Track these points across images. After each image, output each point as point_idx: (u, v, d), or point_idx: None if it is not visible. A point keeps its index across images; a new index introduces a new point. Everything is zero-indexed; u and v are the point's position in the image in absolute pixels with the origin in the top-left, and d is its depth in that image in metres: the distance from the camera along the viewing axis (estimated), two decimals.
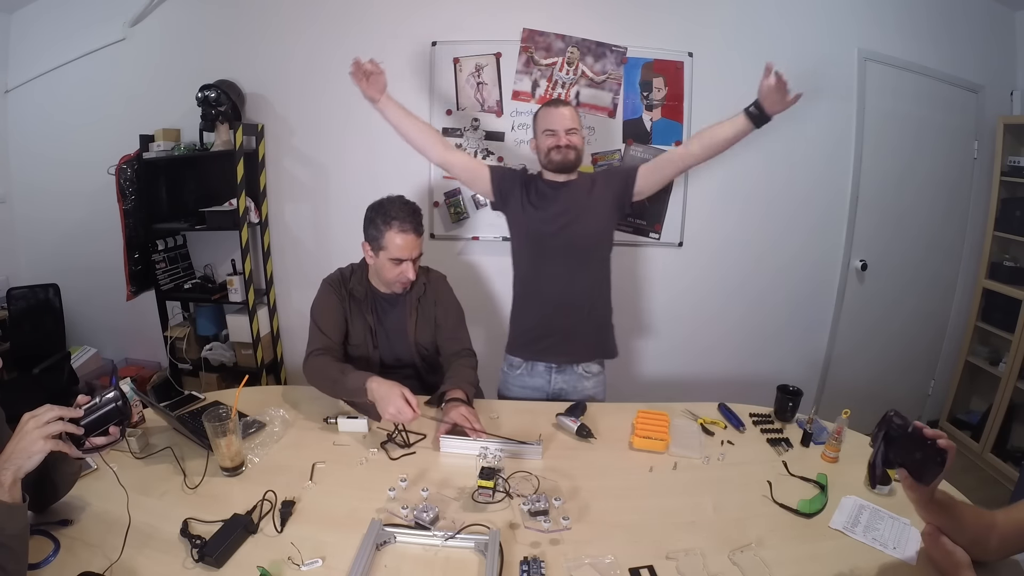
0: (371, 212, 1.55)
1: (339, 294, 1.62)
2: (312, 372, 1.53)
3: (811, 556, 1.02)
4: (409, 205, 1.54)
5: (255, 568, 0.95)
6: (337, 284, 1.64)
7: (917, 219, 2.65)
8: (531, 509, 1.11)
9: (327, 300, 1.62)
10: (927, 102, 2.51)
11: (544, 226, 1.69)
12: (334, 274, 1.67)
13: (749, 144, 2.43)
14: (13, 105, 2.78)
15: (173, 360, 2.71)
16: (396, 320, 1.65)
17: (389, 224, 1.49)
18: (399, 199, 1.55)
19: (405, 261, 1.52)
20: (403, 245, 1.50)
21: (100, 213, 2.64)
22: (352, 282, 1.64)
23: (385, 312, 1.65)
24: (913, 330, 2.84)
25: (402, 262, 1.52)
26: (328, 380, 1.49)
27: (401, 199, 1.55)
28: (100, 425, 0.96)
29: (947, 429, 2.82)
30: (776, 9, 2.33)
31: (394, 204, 1.52)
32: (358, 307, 1.63)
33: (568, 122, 1.66)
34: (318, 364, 1.52)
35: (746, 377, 2.66)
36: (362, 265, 1.66)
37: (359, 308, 1.63)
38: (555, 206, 1.69)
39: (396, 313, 1.65)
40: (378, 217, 1.52)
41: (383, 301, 1.65)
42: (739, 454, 1.37)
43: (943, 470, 0.88)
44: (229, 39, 2.49)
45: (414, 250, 1.53)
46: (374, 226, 1.52)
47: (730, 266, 2.57)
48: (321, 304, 1.62)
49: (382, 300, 1.65)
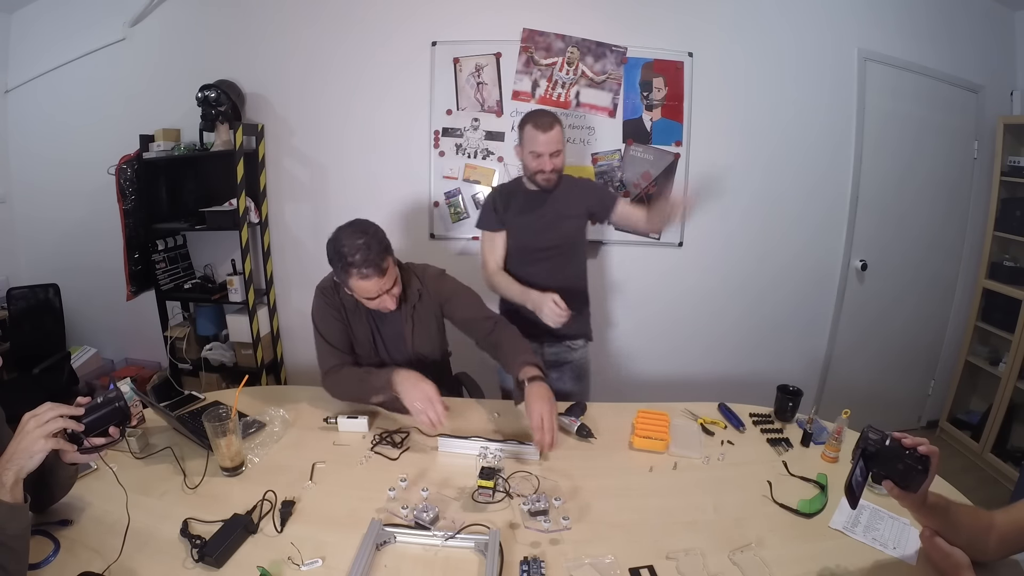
0: (329, 250, 1.40)
1: (333, 303, 1.56)
2: (334, 385, 1.52)
3: (811, 556, 1.02)
4: (366, 239, 1.36)
5: (255, 568, 0.95)
6: (330, 292, 1.57)
7: (917, 219, 2.65)
8: (531, 509, 1.11)
9: (326, 312, 1.56)
10: (927, 102, 2.51)
11: (528, 231, 1.84)
12: (326, 280, 1.59)
13: (749, 144, 2.45)
14: (13, 105, 2.78)
15: (173, 360, 2.71)
16: (393, 328, 1.60)
17: (347, 271, 1.37)
18: (354, 233, 1.38)
19: (378, 297, 1.42)
20: (368, 287, 1.38)
21: (100, 213, 2.64)
22: (342, 292, 1.56)
23: (381, 319, 1.60)
24: (913, 330, 2.84)
25: (375, 298, 1.42)
26: (353, 386, 1.47)
27: (357, 231, 1.38)
28: (100, 425, 0.96)
29: (947, 429, 2.82)
30: (776, 9, 2.33)
31: (349, 244, 1.35)
32: (354, 314, 1.58)
33: (554, 145, 1.72)
34: (340, 377, 1.51)
35: (746, 377, 2.66)
36: None
37: (354, 316, 1.58)
38: (537, 214, 1.83)
39: (392, 321, 1.60)
40: (336, 260, 1.39)
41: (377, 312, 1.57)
42: (739, 454, 1.37)
43: (928, 476, 0.89)
44: (229, 39, 2.50)
45: (385, 285, 1.41)
46: (335, 267, 1.41)
47: (730, 266, 2.58)
48: (321, 317, 1.57)
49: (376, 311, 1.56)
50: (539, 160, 1.72)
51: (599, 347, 2.63)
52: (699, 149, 2.42)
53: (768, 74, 2.38)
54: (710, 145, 2.42)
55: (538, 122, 1.70)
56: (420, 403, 1.32)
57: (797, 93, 2.40)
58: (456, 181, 2.48)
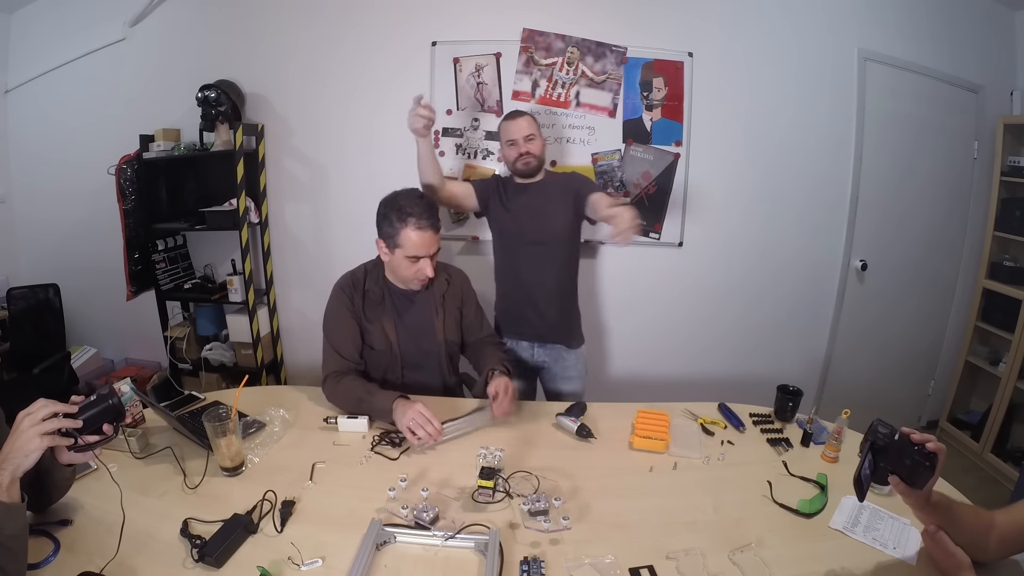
0: (384, 208, 1.47)
1: (351, 301, 1.56)
2: (332, 392, 1.52)
3: (811, 556, 1.02)
4: (425, 199, 1.48)
5: (255, 568, 0.95)
6: (349, 289, 1.57)
7: (917, 219, 2.65)
8: (531, 509, 1.11)
9: (338, 313, 1.56)
10: (927, 102, 2.51)
11: (515, 224, 1.91)
12: (345, 277, 1.60)
13: (749, 144, 2.45)
14: (13, 105, 2.78)
15: (173, 360, 2.71)
16: (420, 317, 1.60)
17: (405, 221, 1.42)
18: (414, 193, 1.49)
19: (423, 258, 1.46)
20: (420, 243, 1.43)
21: (100, 213, 2.64)
22: (368, 283, 1.57)
23: (406, 309, 1.60)
24: (913, 330, 2.84)
25: (419, 259, 1.45)
26: (351, 401, 1.48)
27: (416, 193, 1.49)
28: (94, 423, 0.95)
29: (947, 429, 2.82)
30: (776, 9, 2.33)
31: (410, 199, 1.45)
32: (375, 309, 1.57)
33: (526, 130, 1.85)
34: (339, 386, 1.51)
35: (746, 377, 2.66)
36: (377, 264, 1.60)
37: (376, 310, 1.57)
38: (523, 207, 1.90)
39: (418, 310, 1.60)
40: (392, 213, 1.44)
41: (402, 298, 1.59)
42: (739, 454, 1.37)
43: (935, 473, 0.89)
44: (229, 39, 2.49)
45: (432, 246, 1.46)
46: (388, 223, 1.45)
47: (730, 266, 2.57)
48: (333, 319, 1.57)
49: (401, 297, 1.59)
50: (515, 147, 1.86)
51: (599, 347, 2.63)
52: (699, 149, 2.41)
53: (768, 74, 2.38)
54: (710, 145, 2.41)
55: (508, 115, 1.91)
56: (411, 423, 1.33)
57: (797, 93, 2.40)
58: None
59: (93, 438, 0.96)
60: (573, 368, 2.01)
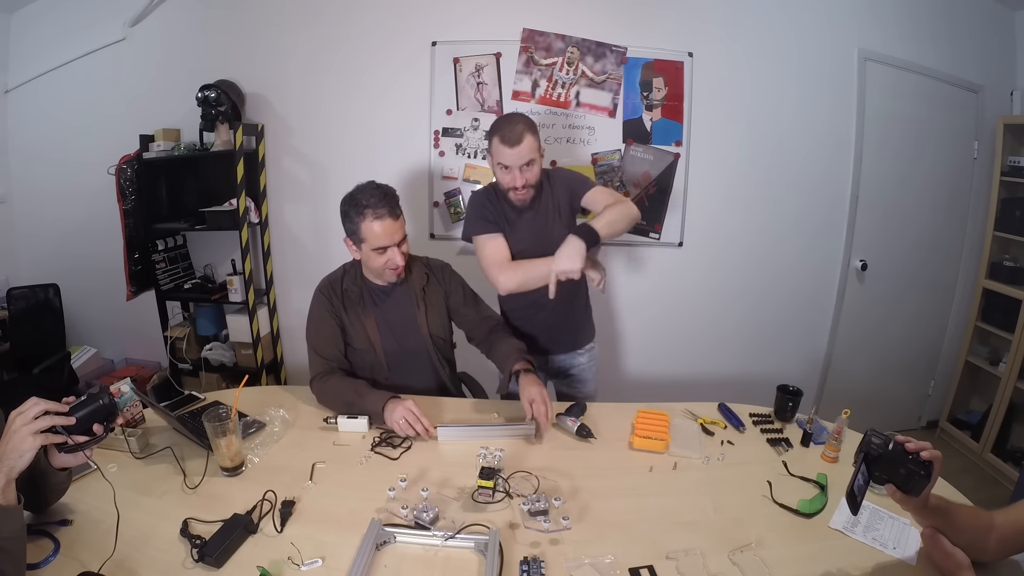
0: (344, 205, 1.47)
1: (331, 302, 1.56)
2: (322, 394, 1.53)
3: (811, 556, 1.02)
4: (381, 188, 1.46)
5: (255, 568, 0.95)
6: (327, 290, 1.58)
7: (917, 219, 2.65)
8: (531, 509, 1.11)
9: (318, 315, 1.57)
10: (927, 102, 2.51)
11: (517, 245, 1.68)
12: (324, 280, 1.62)
13: (749, 144, 2.45)
14: (13, 105, 2.78)
15: (173, 360, 2.71)
16: (400, 312, 1.60)
17: (363, 214, 1.42)
18: (369, 185, 1.47)
19: (390, 247, 1.45)
20: (382, 232, 1.42)
21: (100, 213, 2.64)
22: (346, 282, 1.58)
23: (387, 305, 1.60)
24: (913, 330, 2.84)
25: (386, 249, 1.45)
26: (341, 403, 1.48)
27: (372, 184, 1.48)
28: (86, 422, 0.95)
29: (947, 429, 2.82)
30: (776, 9, 2.33)
31: (365, 192, 1.44)
32: (354, 308, 1.57)
33: (526, 156, 1.53)
34: (327, 386, 1.51)
35: (746, 377, 2.66)
36: (354, 264, 1.61)
37: (356, 308, 1.57)
38: (524, 231, 1.69)
39: (400, 306, 1.60)
40: (351, 209, 1.44)
41: (382, 295, 1.59)
42: (739, 454, 1.37)
43: (931, 481, 0.89)
44: (229, 39, 2.49)
45: (395, 234, 1.45)
46: (349, 219, 1.46)
47: (730, 266, 2.58)
48: (313, 323, 1.58)
49: (381, 294, 1.59)
50: (509, 173, 1.57)
51: (599, 347, 2.63)
52: (699, 149, 2.42)
53: (768, 74, 2.38)
54: (710, 145, 2.41)
55: (505, 136, 1.52)
56: (402, 421, 1.35)
57: (797, 93, 2.40)
58: (456, 181, 2.48)
59: (82, 438, 0.95)
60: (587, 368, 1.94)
